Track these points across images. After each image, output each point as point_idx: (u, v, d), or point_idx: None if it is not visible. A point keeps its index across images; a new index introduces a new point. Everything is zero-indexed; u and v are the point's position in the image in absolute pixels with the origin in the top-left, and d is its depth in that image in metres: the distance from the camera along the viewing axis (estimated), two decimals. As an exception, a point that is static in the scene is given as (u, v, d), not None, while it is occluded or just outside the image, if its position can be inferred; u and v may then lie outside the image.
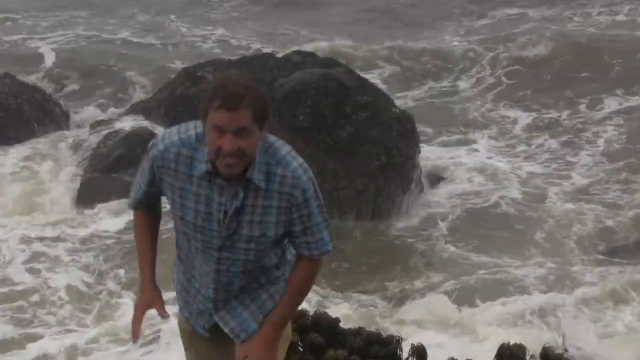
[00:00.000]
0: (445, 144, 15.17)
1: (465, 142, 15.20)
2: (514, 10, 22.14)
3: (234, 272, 3.91)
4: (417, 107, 16.43)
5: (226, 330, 4.04)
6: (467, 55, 19.06)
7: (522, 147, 15.09)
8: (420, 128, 14.03)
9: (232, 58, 15.58)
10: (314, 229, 3.84)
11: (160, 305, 4.14)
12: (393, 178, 12.50)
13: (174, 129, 3.88)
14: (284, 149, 3.76)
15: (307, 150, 12.38)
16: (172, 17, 22.27)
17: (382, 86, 15.46)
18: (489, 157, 14.68)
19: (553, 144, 15.17)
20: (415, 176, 12.82)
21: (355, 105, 12.71)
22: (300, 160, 3.77)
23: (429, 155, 14.10)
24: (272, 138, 3.78)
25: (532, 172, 14.00)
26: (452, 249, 11.77)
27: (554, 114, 16.38)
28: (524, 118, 16.23)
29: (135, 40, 20.76)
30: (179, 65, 17.26)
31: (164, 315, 4.11)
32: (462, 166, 14.20)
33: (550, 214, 12.71)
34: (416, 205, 12.67)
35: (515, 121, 16.19)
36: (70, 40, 20.72)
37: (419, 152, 13.11)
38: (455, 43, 20.01)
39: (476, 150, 15.02)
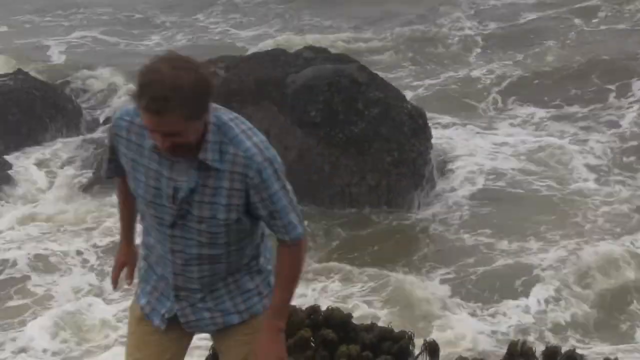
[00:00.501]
0: (457, 129, 15.21)
1: (479, 127, 15.25)
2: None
3: (189, 254, 3.65)
4: (431, 94, 16.63)
5: (182, 320, 3.83)
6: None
7: (533, 133, 15.10)
8: (432, 113, 14.25)
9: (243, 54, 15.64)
10: (281, 213, 3.56)
11: (130, 269, 4.14)
12: (405, 174, 12.51)
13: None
14: (239, 127, 3.52)
15: (319, 147, 12.46)
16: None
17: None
18: (502, 144, 14.73)
19: (570, 128, 15.18)
20: (427, 172, 12.81)
21: (367, 101, 12.72)
22: (257, 139, 3.53)
23: (441, 141, 14.15)
24: (228, 116, 3.55)
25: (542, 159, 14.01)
26: (466, 237, 11.81)
27: (572, 101, 16.44)
28: (541, 105, 16.24)
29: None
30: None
31: (127, 280, 4.15)
32: (473, 153, 14.26)
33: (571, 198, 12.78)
34: (427, 197, 12.70)
35: (530, 109, 16.21)
36: (85, 38, 20.89)
37: (431, 147, 13.10)
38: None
39: (489, 135, 15.12)
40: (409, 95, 14.80)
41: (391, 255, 11.47)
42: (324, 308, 6.36)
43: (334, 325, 5.93)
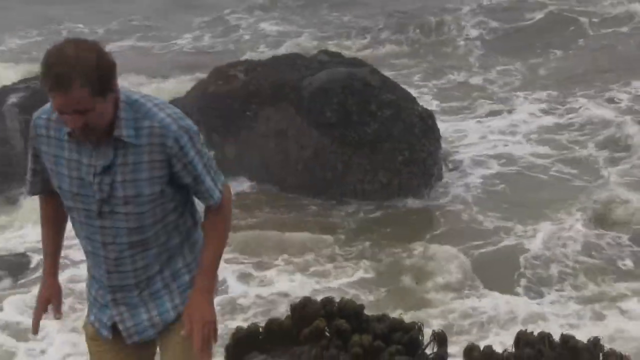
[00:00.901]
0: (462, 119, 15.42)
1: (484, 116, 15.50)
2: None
3: (120, 244, 3.52)
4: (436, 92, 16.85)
5: (120, 328, 3.68)
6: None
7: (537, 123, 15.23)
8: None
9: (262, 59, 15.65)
10: (200, 178, 3.50)
11: (56, 302, 3.87)
12: (415, 173, 12.52)
13: None
14: (150, 102, 3.43)
15: (333, 146, 12.48)
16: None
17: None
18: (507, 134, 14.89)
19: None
20: (436, 170, 12.82)
21: (379, 103, 12.72)
22: (170, 110, 3.44)
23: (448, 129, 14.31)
24: (137, 95, 3.46)
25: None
26: (480, 218, 11.95)
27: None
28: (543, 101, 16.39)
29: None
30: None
31: (56, 315, 3.87)
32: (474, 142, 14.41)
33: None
34: (435, 192, 12.71)
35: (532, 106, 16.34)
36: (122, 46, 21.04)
37: (440, 147, 13.12)
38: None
39: (490, 126, 15.31)
40: (415, 93, 14.86)
41: (400, 246, 11.45)
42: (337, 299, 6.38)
43: (348, 315, 5.89)
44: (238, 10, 23.32)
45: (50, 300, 3.85)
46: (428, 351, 5.79)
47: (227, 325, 8.22)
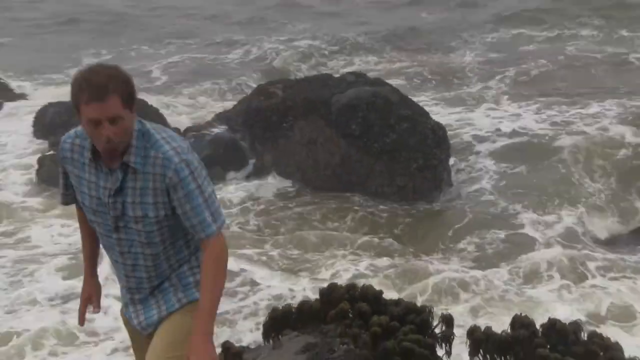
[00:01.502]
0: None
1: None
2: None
3: (135, 253, 3.49)
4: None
5: (134, 323, 3.67)
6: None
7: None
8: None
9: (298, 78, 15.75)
10: (196, 210, 3.32)
11: (96, 299, 3.84)
12: (428, 178, 12.48)
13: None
14: (160, 134, 3.35)
15: (358, 154, 12.50)
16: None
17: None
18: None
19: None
20: (446, 176, 12.78)
21: (398, 118, 12.71)
22: (176, 144, 3.33)
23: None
24: (149, 125, 3.37)
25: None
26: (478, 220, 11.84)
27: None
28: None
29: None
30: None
31: (94, 310, 3.84)
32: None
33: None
34: (445, 195, 12.68)
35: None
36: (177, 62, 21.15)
37: (450, 156, 13.07)
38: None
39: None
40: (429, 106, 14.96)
41: (414, 239, 11.47)
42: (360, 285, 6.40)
43: (368, 299, 5.90)
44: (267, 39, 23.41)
45: (92, 297, 3.84)
46: (437, 331, 5.76)
47: (266, 309, 8.20)
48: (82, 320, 3.88)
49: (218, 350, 5.91)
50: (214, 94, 18.09)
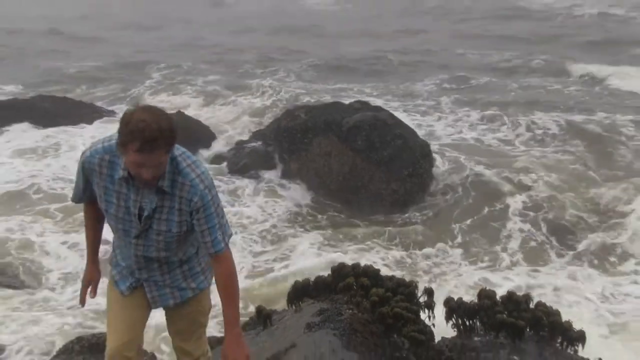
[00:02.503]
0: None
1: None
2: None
3: (149, 255, 3.30)
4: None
5: (149, 296, 3.44)
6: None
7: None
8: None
9: (317, 104, 15.65)
10: (211, 230, 3.13)
11: (94, 285, 3.59)
12: (416, 183, 12.46)
13: (100, 139, 3.21)
14: (185, 162, 3.11)
15: (362, 164, 12.43)
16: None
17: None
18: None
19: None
20: (429, 180, 12.76)
21: (393, 136, 12.67)
22: (200, 171, 3.11)
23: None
24: (178, 151, 3.12)
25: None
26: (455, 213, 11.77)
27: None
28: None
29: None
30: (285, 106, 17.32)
31: (91, 294, 3.58)
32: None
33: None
34: (427, 195, 12.61)
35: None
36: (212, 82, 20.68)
37: (433, 165, 13.03)
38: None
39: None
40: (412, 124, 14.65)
41: (406, 233, 11.40)
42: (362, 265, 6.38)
43: (368, 275, 5.88)
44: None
45: (92, 282, 3.62)
46: (421, 300, 5.74)
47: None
48: (83, 301, 3.63)
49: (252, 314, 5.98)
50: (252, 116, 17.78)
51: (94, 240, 3.58)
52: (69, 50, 27.03)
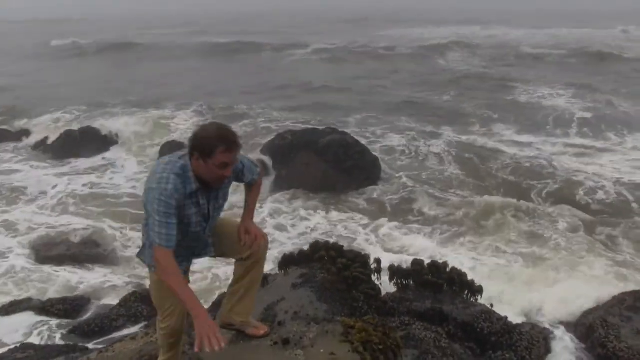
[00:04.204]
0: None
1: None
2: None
3: (203, 233, 2.81)
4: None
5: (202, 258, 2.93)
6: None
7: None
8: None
9: (298, 129, 15.01)
10: (246, 168, 2.90)
11: (218, 331, 2.49)
12: (371, 183, 12.41)
13: (164, 170, 2.58)
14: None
15: (332, 171, 12.27)
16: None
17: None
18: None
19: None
20: (379, 180, 12.62)
21: (354, 152, 12.61)
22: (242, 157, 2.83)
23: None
24: None
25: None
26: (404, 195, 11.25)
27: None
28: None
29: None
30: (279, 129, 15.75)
31: (221, 346, 2.44)
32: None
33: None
34: (376, 192, 12.30)
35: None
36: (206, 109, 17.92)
37: (381, 169, 12.87)
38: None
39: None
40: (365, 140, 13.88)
41: (370, 211, 11.04)
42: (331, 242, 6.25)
43: (336, 249, 5.83)
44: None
45: (213, 332, 2.49)
46: (372, 267, 5.72)
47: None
48: (220, 345, 2.48)
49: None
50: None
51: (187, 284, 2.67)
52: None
